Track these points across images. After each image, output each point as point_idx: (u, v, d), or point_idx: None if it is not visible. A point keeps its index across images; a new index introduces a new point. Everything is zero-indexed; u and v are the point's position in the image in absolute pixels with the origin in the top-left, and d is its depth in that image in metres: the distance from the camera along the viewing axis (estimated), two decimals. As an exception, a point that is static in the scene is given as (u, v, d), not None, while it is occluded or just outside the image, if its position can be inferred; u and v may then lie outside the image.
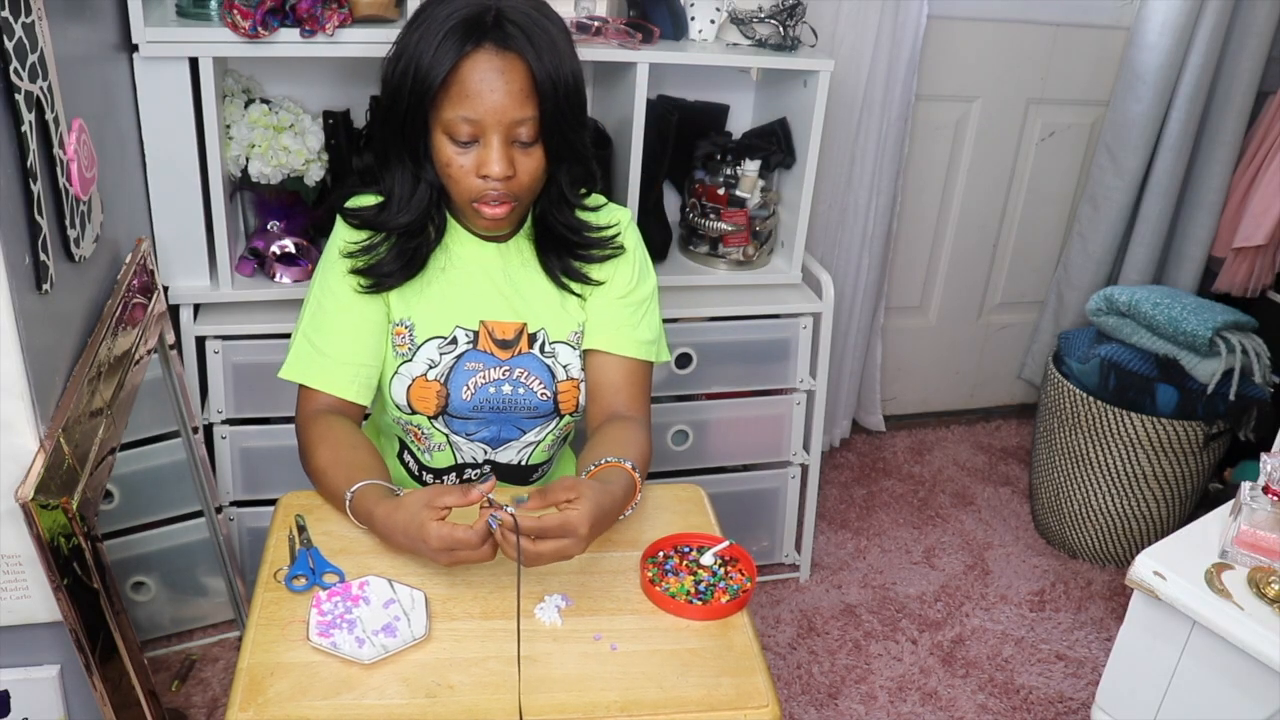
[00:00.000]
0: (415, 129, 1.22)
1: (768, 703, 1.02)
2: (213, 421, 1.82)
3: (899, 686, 2.03)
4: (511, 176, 1.21)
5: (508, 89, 1.17)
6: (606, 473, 1.19)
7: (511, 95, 1.17)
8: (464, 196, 1.24)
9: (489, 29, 1.16)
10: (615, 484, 1.16)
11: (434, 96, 1.18)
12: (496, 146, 1.19)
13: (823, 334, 2.11)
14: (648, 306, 1.39)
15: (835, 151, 2.35)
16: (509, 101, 1.17)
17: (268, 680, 0.99)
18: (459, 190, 1.24)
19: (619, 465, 1.20)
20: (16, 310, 1.04)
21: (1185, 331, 2.18)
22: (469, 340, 1.34)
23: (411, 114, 1.21)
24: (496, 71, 1.16)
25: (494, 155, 1.20)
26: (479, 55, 1.16)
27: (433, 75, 1.17)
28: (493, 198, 1.23)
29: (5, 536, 1.11)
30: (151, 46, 1.60)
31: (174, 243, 1.76)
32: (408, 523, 1.09)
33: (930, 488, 2.69)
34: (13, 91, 1.04)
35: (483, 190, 1.22)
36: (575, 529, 1.05)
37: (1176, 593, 1.29)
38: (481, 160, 1.20)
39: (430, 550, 1.07)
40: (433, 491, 1.09)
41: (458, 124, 1.19)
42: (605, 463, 1.20)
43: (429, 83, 1.17)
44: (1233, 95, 2.51)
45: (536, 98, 1.18)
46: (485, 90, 1.17)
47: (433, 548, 1.06)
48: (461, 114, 1.18)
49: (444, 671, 1.02)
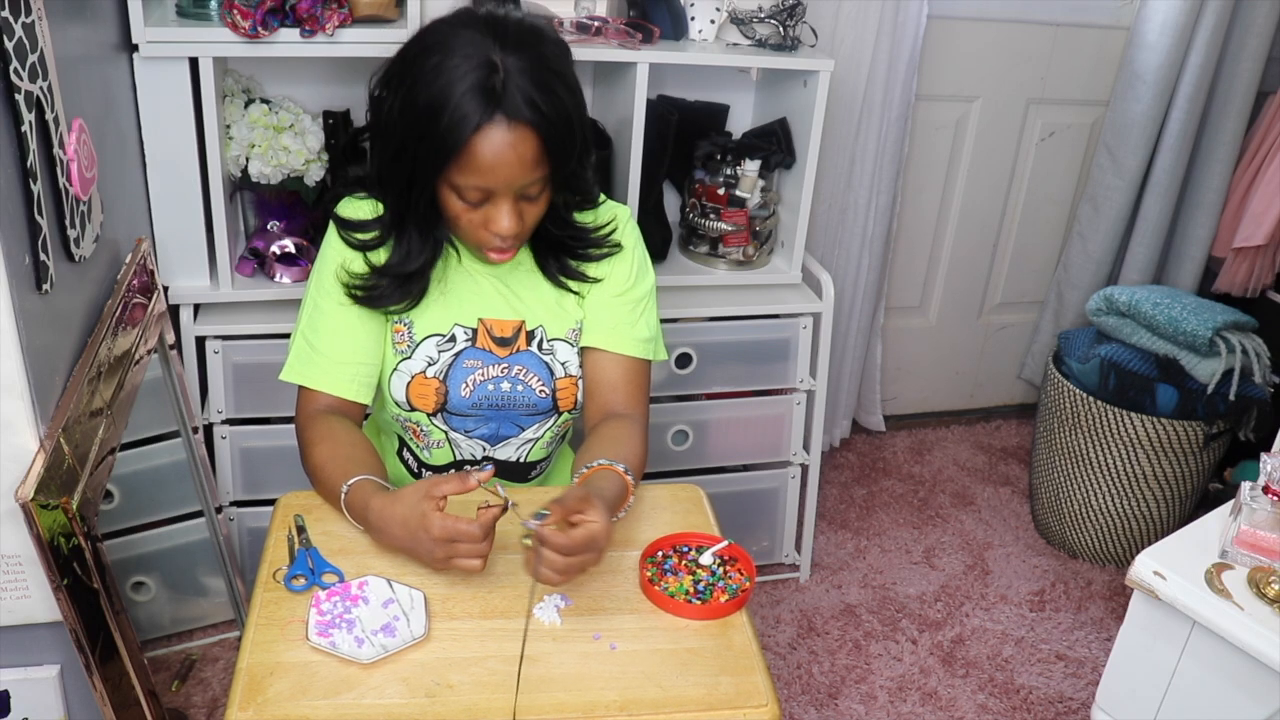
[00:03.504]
0: (421, 188, 1.21)
1: (767, 702, 1.02)
2: (213, 421, 1.83)
3: (899, 686, 2.03)
4: (520, 230, 1.23)
5: (519, 160, 1.16)
6: (598, 476, 1.19)
7: (523, 164, 1.17)
8: (470, 243, 1.27)
9: (499, 100, 1.13)
10: (608, 489, 1.16)
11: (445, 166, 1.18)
12: (506, 209, 1.20)
13: (823, 334, 2.11)
14: (646, 304, 1.39)
15: (835, 151, 2.35)
16: (520, 170, 1.17)
17: (267, 680, 0.99)
18: (466, 239, 1.27)
19: (611, 468, 1.21)
20: (16, 310, 1.05)
21: (1185, 331, 2.18)
22: (467, 338, 1.34)
23: (419, 176, 1.20)
24: (508, 145, 1.15)
25: (504, 217, 1.20)
26: (491, 129, 1.14)
27: (444, 148, 1.15)
28: (500, 247, 1.24)
29: (5, 536, 1.11)
30: (151, 46, 1.60)
31: (174, 243, 1.76)
32: (407, 514, 1.09)
33: (930, 488, 2.69)
34: (13, 91, 1.04)
35: (490, 241, 1.24)
36: (599, 541, 1.06)
37: (1176, 593, 1.29)
38: (491, 218, 1.21)
39: (430, 541, 1.06)
40: (430, 482, 1.09)
41: (468, 190, 1.19)
42: (598, 465, 1.21)
43: (440, 155, 1.16)
44: (1233, 95, 2.51)
45: (547, 160, 1.18)
46: (499, 164, 1.16)
47: (434, 537, 1.06)
48: (473, 183, 1.18)
49: (443, 671, 1.02)
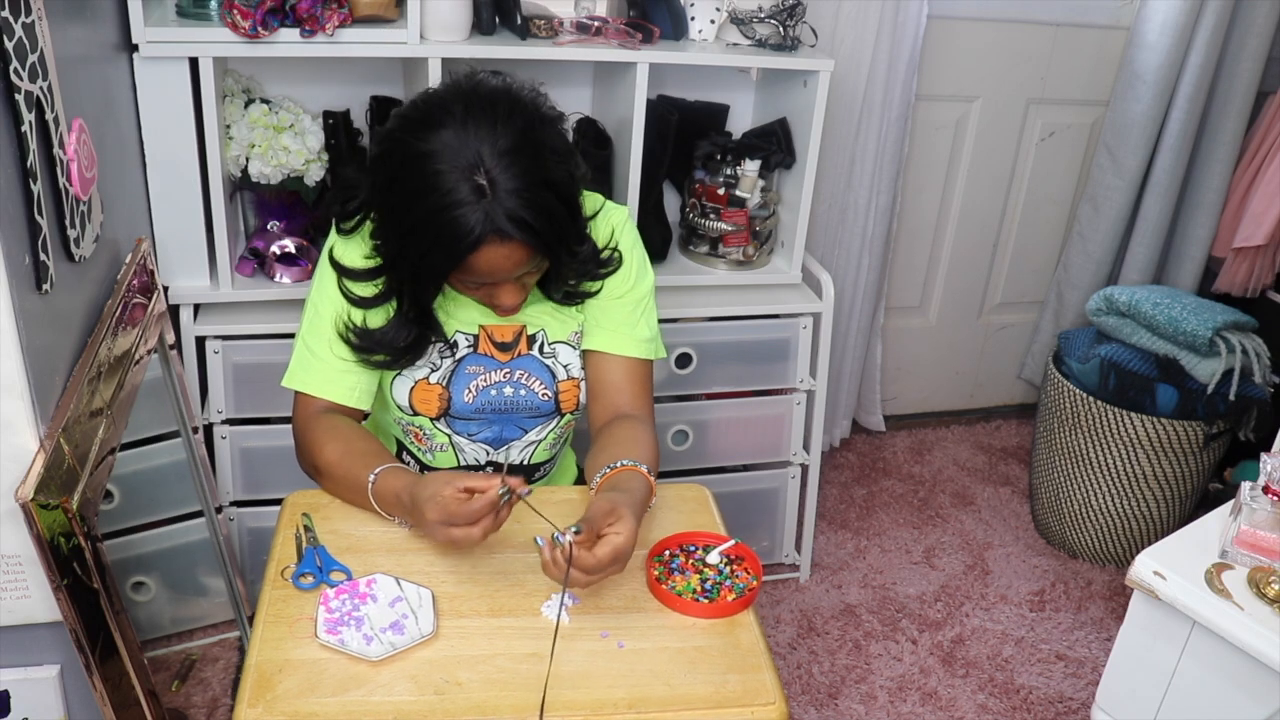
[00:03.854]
0: (423, 284, 1.24)
1: (774, 700, 1.02)
2: (213, 421, 1.82)
3: (899, 686, 2.03)
4: (522, 300, 1.26)
5: (514, 266, 1.19)
6: (622, 477, 1.19)
7: (518, 267, 1.20)
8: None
9: (490, 223, 1.13)
10: (637, 490, 1.17)
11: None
12: (509, 290, 1.24)
13: (823, 334, 2.11)
14: (646, 304, 1.39)
15: (835, 151, 2.35)
16: (515, 271, 1.20)
17: (276, 677, 0.99)
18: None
19: (635, 469, 1.21)
20: (16, 310, 1.04)
21: (1185, 331, 2.18)
22: (469, 344, 1.34)
23: (418, 280, 1.23)
24: (502, 257, 1.17)
25: (505, 297, 1.24)
26: (484, 249, 1.15)
27: (440, 269, 1.19)
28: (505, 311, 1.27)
29: (5, 536, 1.11)
30: (151, 46, 1.60)
31: (174, 243, 1.75)
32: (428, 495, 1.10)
33: (930, 488, 2.69)
34: (13, 91, 1.04)
35: (494, 309, 1.27)
36: (623, 554, 1.07)
37: (1176, 593, 1.29)
38: (493, 295, 1.24)
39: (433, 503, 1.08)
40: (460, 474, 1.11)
41: (468, 283, 1.23)
42: (621, 465, 1.21)
43: (438, 269, 1.19)
44: (1233, 95, 2.51)
45: (544, 254, 1.20)
46: (494, 269, 1.19)
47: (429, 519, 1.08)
48: (472, 279, 1.21)
49: (452, 669, 1.02)
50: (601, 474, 1.21)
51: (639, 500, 1.15)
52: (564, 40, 1.80)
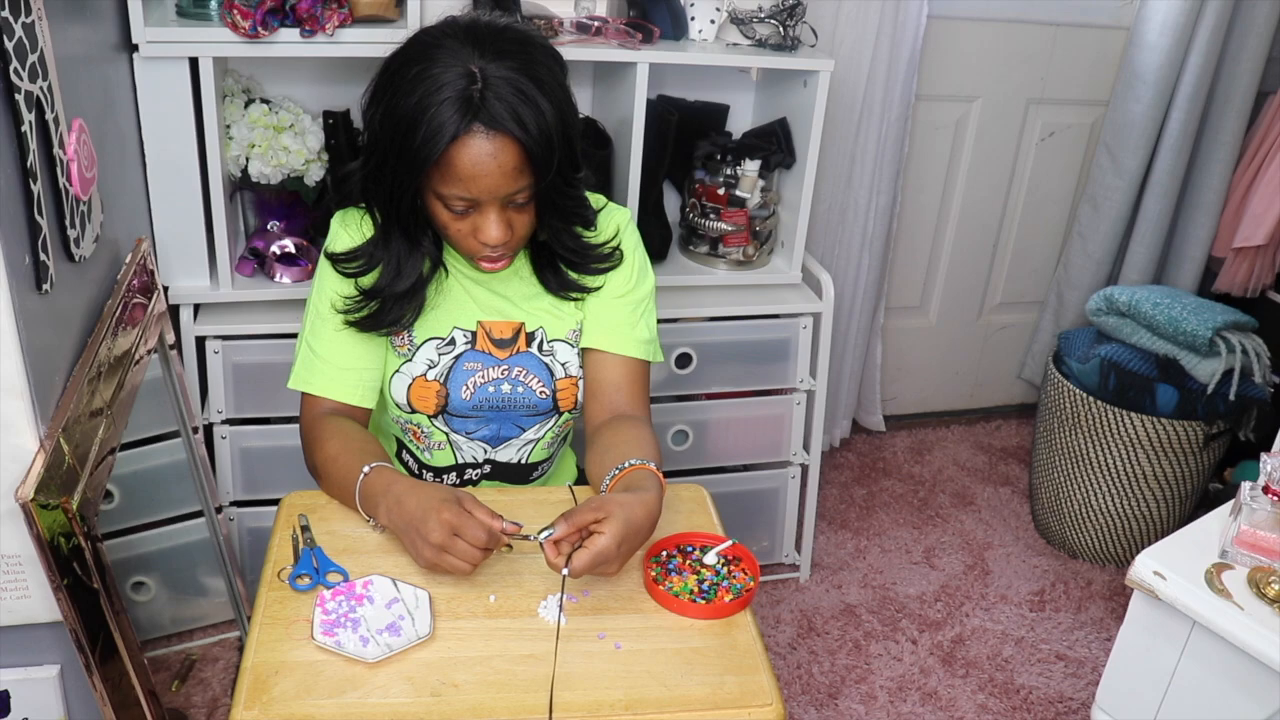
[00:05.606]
0: (407, 199, 1.21)
1: (771, 701, 1.02)
2: (213, 421, 1.82)
3: (899, 686, 2.03)
4: (509, 238, 1.22)
5: (500, 169, 1.15)
6: (634, 476, 1.18)
7: (505, 174, 1.16)
8: (462, 252, 1.27)
9: (477, 109, 1.12)
10: (648, 490, 1.15)
11: (425, 174, 1.17)
12: (493, 218, 1.19)
13: (823, 334, 2.11)
14: (646, 306, 1.39)
15: (835, 151, 2.35)
16: (502, 180, 1.16)
17: (272, 679, 0.99)
18: (456, 248, 1.26)
19: (645, 468, 1.19)
20: (16, 310, 1.04)
21: (1185, 331, 2.18)
22: (467, 341, 1.34)
23: (403, 186, 1.19)
24: (488, 155, 1.14)
25: (491, 226, 1.20)
26: (469, 139, 1.13)
27: (423, 157, 1.14)
28: (491, 256, 1.24)
29: (5, 536, 1.11)
30: (151, 46, 1.60)
31: (174, 243, 1.75)
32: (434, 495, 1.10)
33: (930, 488, 2.69)
34: (13, 91, 1.04)
35: (481, 250, 1.23)
36: (607, 559, 1.06)
37: (1176, 593, 1.29)
38: (478, 227, 1.20)
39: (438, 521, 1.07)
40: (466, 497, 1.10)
41: (452, 200, 1.18)
42: (631, 465, 1.20)
43: (420, 163, 1.15)
44: (1233, 95, 2.51)
45: (530, 169, 1.17)
46: (479, 173, 1.15)
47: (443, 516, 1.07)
48: (456, 193, 1.17)
49: (448, 670, 1.02)
50: (612, 475, 1.20)
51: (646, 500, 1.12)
52: (564, 40, 1.80)
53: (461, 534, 1.07)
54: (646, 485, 1.16)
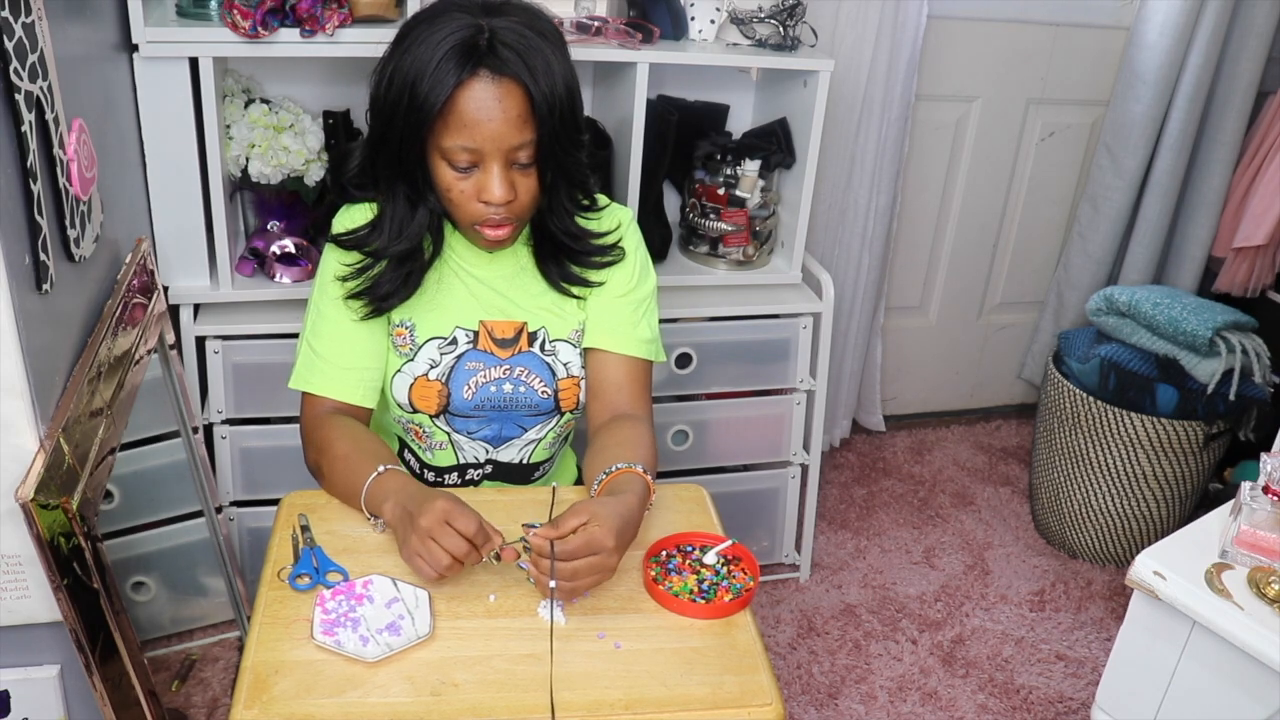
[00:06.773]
0: (412, 155, 1.21)
1: (771, 701, 1.02)
2: (213, 421, 1.82)
3: (899, 686, 2.03)
4: (513, 200, 1.21)
5: (505, 116, 1.16)
6: (620, 480, 1.19)
7: (509, 122, 1.16)
8: (465, 220, 1.25)
9: (483, 54, 1.14)
10: (631, 492, 1.16)
11: (430, 124, 1.17)
12: (497, 173, 1.19)
13: (823, 334, 2.11)
14: (648, 306, 1.39)
15: (835, 151, 2.35)
16: (507, 128, 1.16)
17: (272, 679, 0.99)
18: (460, 214, 1.25)
19: (631, 470, 1.20)
20: (16, 310, 1.04)
21: (1185, 331, 2.18)
22: (469, 340, 1.34)
23: (408, 141, 1.19)
24: (494, 99, 1.15)
25: (495, 181, 1.19)
26: (475, 83, 1.14)
27: (428, 105, 1.15)
28: (494, 220, 1.23)
29: (5, 536, 1.11)
30: (151, 46, 1.60)
31: (174, 243, 1.75)
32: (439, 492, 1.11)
33: (930, 488, 2.69)
34: (13, 91, 1.04)
35: (484, 214, 1.23)
36: (601, 543, 1.06)
37: (1176, 593, 1.29)
38: (482, 185, 1.20)
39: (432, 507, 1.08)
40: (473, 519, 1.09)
41: (456, 152, 1.18)
42: (617, 469, 1.20)
43: (425, 112, 1.15)
44: (1233, 95, 2.51)
45: (534, 121, 1.17)
46: (483, 119, 1.15)
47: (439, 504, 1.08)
48: (460, 143, 1.17)
49: (448, 670, 1.02)
50: (599, 480, 1.21)
51: (629, 502, 1.14)
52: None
53: (452, 522, 1.07)
54: (630, 488, 1.16)
